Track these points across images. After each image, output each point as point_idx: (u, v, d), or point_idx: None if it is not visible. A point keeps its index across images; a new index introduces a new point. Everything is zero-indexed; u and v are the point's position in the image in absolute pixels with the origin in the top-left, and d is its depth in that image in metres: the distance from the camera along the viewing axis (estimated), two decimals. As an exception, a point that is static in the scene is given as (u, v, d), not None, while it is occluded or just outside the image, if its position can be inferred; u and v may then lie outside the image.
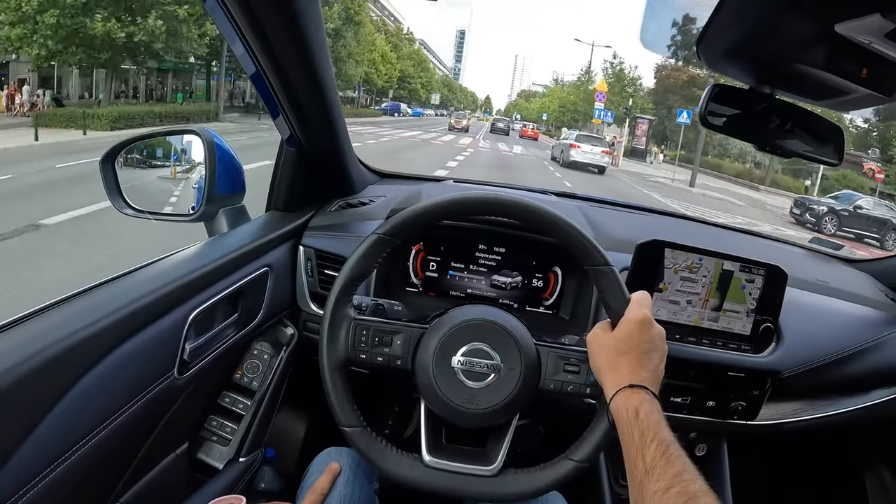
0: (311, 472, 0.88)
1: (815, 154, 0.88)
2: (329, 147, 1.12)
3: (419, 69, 58.52)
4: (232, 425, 0.95)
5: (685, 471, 0.56)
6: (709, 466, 1.14)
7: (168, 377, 0.76)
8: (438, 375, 0.75)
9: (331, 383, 0.75)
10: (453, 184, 1.44)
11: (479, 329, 0.77)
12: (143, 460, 0.77)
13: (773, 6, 0.59)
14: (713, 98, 0.82)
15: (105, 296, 0.72)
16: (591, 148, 18.32)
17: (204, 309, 0.83)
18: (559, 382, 0.76)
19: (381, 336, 0.77)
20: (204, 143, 0.99)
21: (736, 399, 1.03)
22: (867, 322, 1.17)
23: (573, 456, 0.74)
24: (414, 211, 0.78)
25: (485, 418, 0.75)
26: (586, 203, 1.42)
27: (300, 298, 1.09)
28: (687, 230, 1.43)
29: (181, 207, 1.05)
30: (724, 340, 1.02)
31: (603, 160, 18.31)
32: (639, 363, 0.68)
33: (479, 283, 1.13)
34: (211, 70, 23.23)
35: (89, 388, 0.63)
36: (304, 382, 1.10)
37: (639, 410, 0.63)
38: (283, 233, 1.06)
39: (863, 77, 0.69)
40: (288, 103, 0.96)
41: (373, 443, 0.75)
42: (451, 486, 0.74)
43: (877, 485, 1.35)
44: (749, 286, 1.00)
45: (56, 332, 0.62)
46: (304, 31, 0.81)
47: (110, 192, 0.99)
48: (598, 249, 0.75)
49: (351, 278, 0.78)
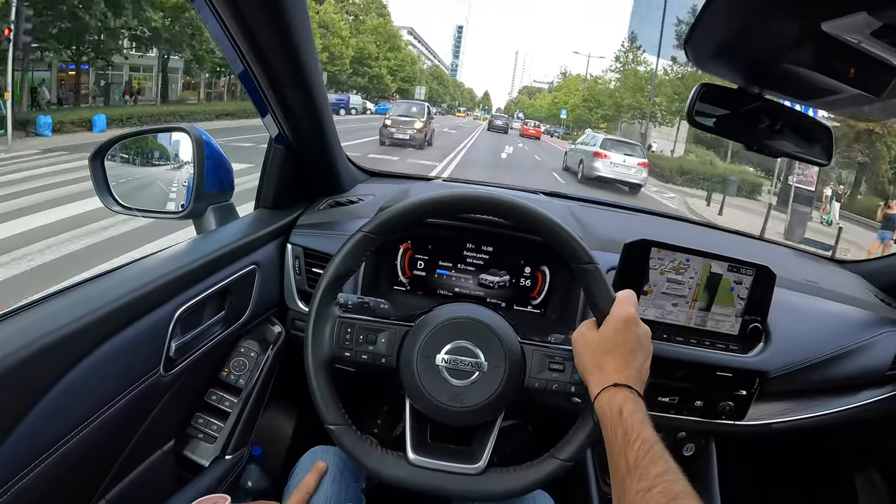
0: (298, 471, 0.88)
1: (803, 154, 0.88)
2: (317, 145, 1.11)
3: (385, 48, 40.74)
4: (218, 423, 0.95)
5: (668, 471, 0.56)
6: (697, 466, 1.14)
7: (154, 374, 0.76)
8: (423, 373, 0.75)
9: (315, 381, 0.75)
10: (442, 183, 1.44)
11: (463, 327, 0.77)
12: (128, 457, 0.77)
13: (759, 6, 0.59)
14: (701, 98, 0.82)
15: (91, 292, 0.72)
16: (624, 158, 13.51)
17: (191, 306, 0.83)
18: (544, 381, 0.76)
19: (366, 334, 0.77)
20: (193, 141, 0.99)
21: (724, 399, 1.03)
22: (856, 323, 1.17)
23: (558, 454, 0.74)
24: (399, 209, 0.78)
25: (469, 416, 0.75)
26: (575, 202, 1.42)
27: (288, 296, 1.09)
28: (676, 230, 1.44)
29: (170, 205, 1.05)
30: (712, 340, 1.02)
31: (639, 175, 13.69)
32: (623, 362, 0.68)
33: (467, 282, 1.13)
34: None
35: (74, 384, 0.63)
36: (291, 381, 1.09)
37: (623, 409, 0.63)
38: (271, 231, 1.06)
39: (851, 76, 0.69)
40: (276, 101, 0.96)
41: (357, 441, 0.75)
42: (436, 485, 0.74)
43: (866, 485, 1.36)
44: (737, 288, 1.00)
45: (41, 328, 0.62)
46: (291, 30, 0.80)
47: (99, 189, 0.98)
48: (583, 248, 0.75)
49: (336, 276, 0.77)
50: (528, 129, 38.81)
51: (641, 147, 15.18)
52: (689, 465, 1.14)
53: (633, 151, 13.98)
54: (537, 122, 51.59)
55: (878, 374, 1.13)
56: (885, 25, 0.55)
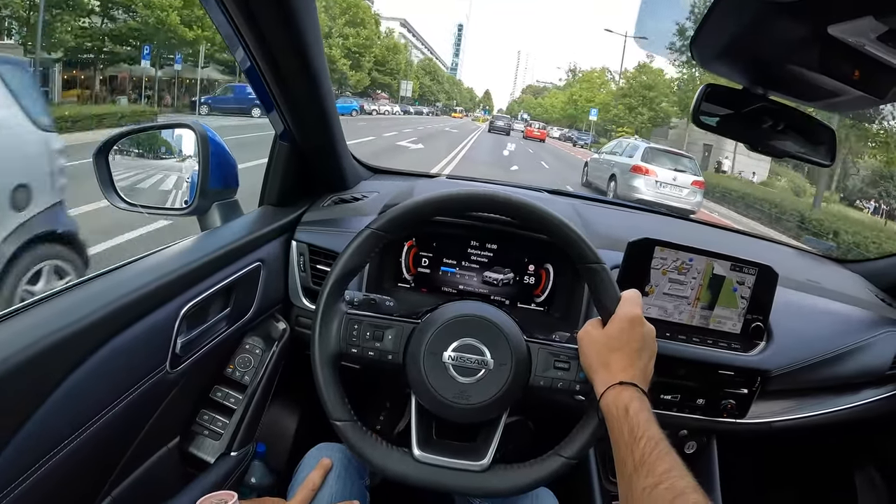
0: (303, 468, 0.88)
1: (806, 155, 0.89)
2: (322, 142, 1.12)
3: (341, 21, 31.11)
4: (223, 419, 0.95)
5: (674, 467, 0.57)
6: (698, 464, 1.14)
7: (160, 371, 0.76)
8: (429, 370, 0.75)
9: (322, 376, 0.76)
10: (446, 180, 1.45)
11: (470, 325, 0.77)
12: (134, 454, 0.77)
13: (766, 8, 0.59)
14: (706, 98, 0.82)
15: (97, 289, 0.72)
16: (674, 175, 9.86)
17: (196, 303, 0.83)
18: (549, 379, 0.77)
19: (373, 330, 0.78)
20: (197, 137, 0.98)
21: (726, 397, 1.04)
22: (857, 322, 1.18)
23: (562, 452, 0.74)
24: (408, 206, 0.79)
25: (474, 413, 0.75)
26: (579, 200, 1.42)
27: (292, 293, 1.09)
28: (679, 229, 1.44)
29: (174, 202, 1.05)
30: (715, 339, 1.03)
31: (692, 199, 9.90)
32: (629, 361, 0.68)
33: (471, 280, 1.14)
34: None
35: (81, 382, 0.63)
36: (295, 377, 1.10)
37: (628, 407, 0.63)
38: (276, 227, 1.06)
39: (855, 79, 0.69)
40: (282, 98, 0.96)
41: (362, 436, 0.75)
42: (440, 481, 0.74)
43: (867, 484, 1.37)
44: (740, 288, 1.01)
45: (48, 326, 0.62)
46: (299, 26, 0.80)
47: (104, 186, 0.98)
48: (590, 248, 0.76)
49: (344, 272, 0.78)
50: (532, 131, 35.13)
51: (693, 161, 11.28)
52: (691, 462, 1.14)
53: (684, 166, 10.32)
54: (542, 123, 46.60)
55: (879, 373, 1.13)
56: (890, 30, 0.55)
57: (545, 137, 34.46)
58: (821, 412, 1.10)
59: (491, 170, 12.88)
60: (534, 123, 41.92)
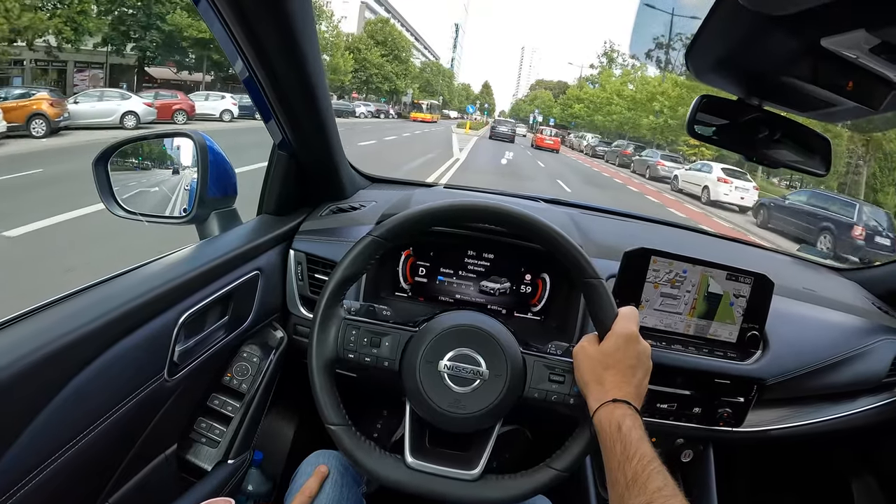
0: (300, 475, 0.88)
1: (802, 165, 0.89)
2: (320, 152, 1.12)
3: None
4: (221, 427, 0.95)
5: (665, 486, 0.57)
6: (695, 473, 1.14)
7: (158, 379, 0.77)
8: (425, 379, 0.75)
9: (318, 381, 0.76)
10: (444, 189, 1.45)
11: (466, 335, 0.77)
12: (132, 461, 0.77)
13: (760, 20, 0.60)
14: (701, 108, 0.83)
15: (96, 297, 0.73)
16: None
17: (194, 311, 0.83)
18: (543, 391, 0.77)
19: (371, 337, 0.78)
20: (196, 146, 0.99)
21: (722, 406, 1.04)
22: (853, 330, 1.18)
23: (554, 464, 0.74)
24: (409, 215, 0.79)
25: (468, 423, 0.76)
26: (575, 210, 1.42)
27: (290, 302, 1.09)
28: (675, 238, 1.44)
29: (173, 210, 1.05)
30: (711, 347, 1.03)
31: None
32: (623, 378, 0.69)
33: (468, 289, 1.14)
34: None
35: (80, 390, 0.64)
36: (292, 386, 1.10)
37: (621, 425, 0.64)
38: (274, 236, 1.07)
39: (849, 90, 0.70)
40: (280, 108, 0.96)
41: (357, 442, 0.75)
42: (433, 489, 0.74)
43: (863, 492, 1.37)
44: (737, 302, 1.01)
45: (47, 334, 0.62)
46: (297, 37, 0.81)
47: (103, 194, 0.99)
48: (588, 262, 0.76)
49: (343, 279, 0.78)
50: (544, 139, 28.07)
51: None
52: (687, 471, 1.15)
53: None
54: (555, 129, 35.08)
55: (875, 381, 1.14)
56: (882, 42, 0.56)
57: (559, 147, 29.04)
58: (817, 420, 1.10)
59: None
60: (544, 129, 32.10)
